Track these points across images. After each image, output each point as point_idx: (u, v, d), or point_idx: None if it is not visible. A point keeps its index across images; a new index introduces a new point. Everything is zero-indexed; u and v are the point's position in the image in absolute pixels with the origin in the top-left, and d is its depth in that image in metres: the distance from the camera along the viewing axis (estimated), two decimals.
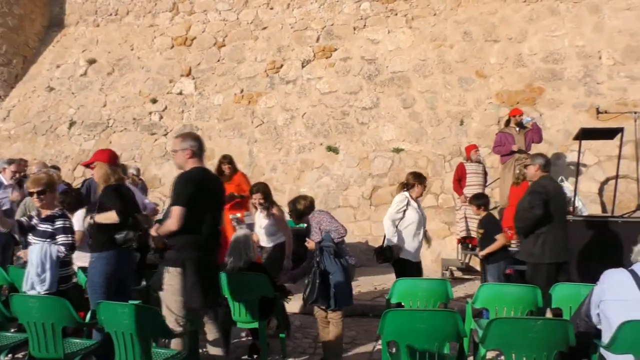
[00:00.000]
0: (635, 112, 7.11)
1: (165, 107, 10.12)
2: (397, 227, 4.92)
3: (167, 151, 9.66)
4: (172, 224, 3.35)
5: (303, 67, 9.88)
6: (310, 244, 4.28)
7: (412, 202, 4.99)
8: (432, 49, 9.51)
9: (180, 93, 10.15)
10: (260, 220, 5.31)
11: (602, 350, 2.89)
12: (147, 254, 5.04)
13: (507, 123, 7.71)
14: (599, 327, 3.00)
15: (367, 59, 9.68)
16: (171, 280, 3.39)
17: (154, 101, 10.17)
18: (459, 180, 7.44)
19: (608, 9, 9.18)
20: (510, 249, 5.66)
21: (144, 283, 4.62)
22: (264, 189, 5.26)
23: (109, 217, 3.76)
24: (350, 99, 9.50)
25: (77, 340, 3.58)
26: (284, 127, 9.58)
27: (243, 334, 5.01)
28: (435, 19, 9.68)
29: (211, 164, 9.45)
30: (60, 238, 3.88)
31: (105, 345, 3.42)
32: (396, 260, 4.95)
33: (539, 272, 4.62)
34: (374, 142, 9.14)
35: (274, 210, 5.23)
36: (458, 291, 6.19)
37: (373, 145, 9.12)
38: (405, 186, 5.07)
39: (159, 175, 9.52)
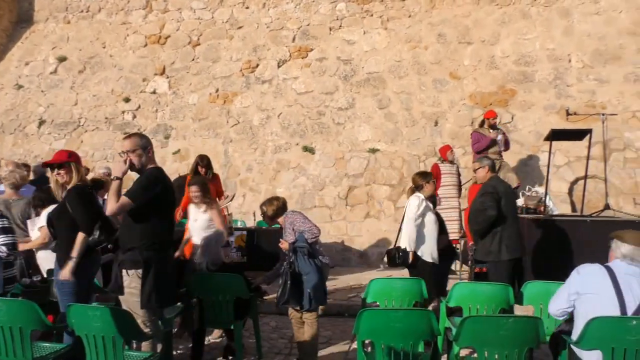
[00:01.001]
0: (603, 114, 7.32)
1: (139, 106, 9.97)
2: (418, 231, 4.78)
3: None
4: (111, 210, 3.30)
5: (279, 67, 9.85)
6: (284, 244, 4.27)
7: (428, 204, 4.89)
8: (407, 50, 9.59)
9: (154, 92, 10.01)
10: (197, 214, 5.14)
11: (572, 347, 2.97)
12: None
13: (482, 124, 7.85)
14: (561, 318, 3.10)
15: (343, 59, 9.71)
16: (132, 282, 3.34)
17: (127, 100, 10.01)
18: (434, 181, 7.53)
19: (577, 14, 9.41)
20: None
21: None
22: (201, 182, 5.17)
23: (79, 241, 3.60)
24: (326, 99, 9.51)
25: (47, 344, 3.49)
26: (259, 127, 9.54)
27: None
28: (410, 20, 9.77)
29: (186, 164, 9.37)
30: (1, 238, 3.82)
31: (76, 349, 3.35)
32: (415, 263, 4.82)
33: (499, 269, 4.75)
34: (350, 142, 9.18)
35: (213, 206, 5.09)
36: (432, 289, 6.25)
37: (349, 145, 9.15)
38: (416, 188, 4.95)
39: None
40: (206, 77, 9.96)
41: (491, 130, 7.59)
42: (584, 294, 2.90)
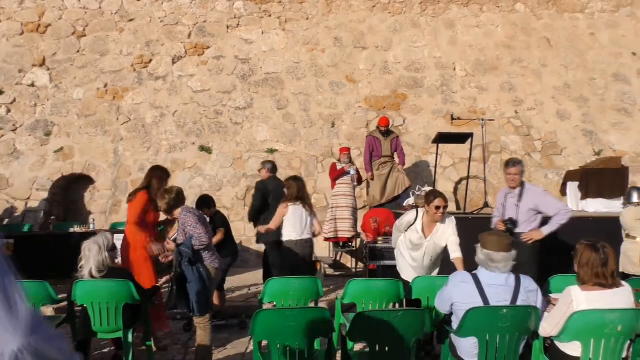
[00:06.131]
0: (483, 120, 7.95)
1: (14, 100, 9.07)
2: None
3: (15, 148, 8.68)
4: None
5: (174, 63, 9.49)
6: (169, 244, 4.07)
7: (418, 224, 4.58)
8: (305, 52, 9.72)
9: (33, 85, 9.17)
10: None
11: (452, 336, 3.17)
12: None
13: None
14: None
15: (241, 58, 9.59)
16: None
17: (0, 92, 9.06)
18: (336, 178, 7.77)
19: (461, 25, 10.14)
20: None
21: None
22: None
23: None
24: (224, 98, 9.34)
25: None
26: (153, 125, 9.12)
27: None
28: (308, 23, 9.90)
29: (70, 163, 8.71)
30: None
31: None
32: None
33: (273, 250, 5.78)
34: (248, 142, 9.09)
35: None
36: (329, 288, 6.39)
37: (247, 145, 9.06)
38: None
39: (6, 175, 8.51)
40: (93, 70, 9.32)
41: (384, 137, 7.95)
42: (457, 303, 3.09)
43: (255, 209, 6.08)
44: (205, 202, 5.60)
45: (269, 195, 5.99)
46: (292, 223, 5.19)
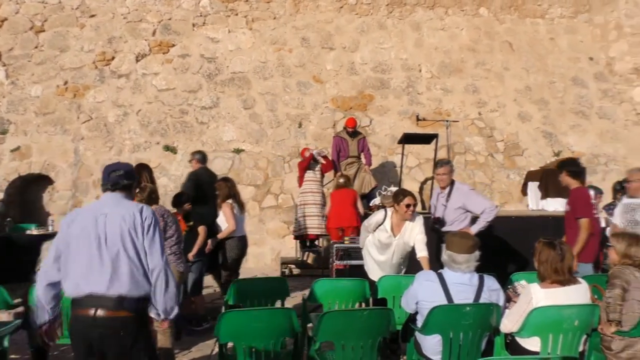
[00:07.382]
0: (447, 121, 8.10)
1: None
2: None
3: None
4: None
5: (137, 61, 9.29)
6: None
7: (387, 224, 4.53)
8: (272, 52, 9.67)
9: None
10: None
11: (417, 334, 3.21)
12: None
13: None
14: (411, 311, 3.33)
15: (207, 57, 9.47)
16: None
17: None
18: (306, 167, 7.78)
19: (426, 28, 10.29)
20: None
21: None
22: None
23: None
24: (190, 97, 9.20)
25: None
26: (115, 124, 8.90)
27: None
28: (275, 22, 9.86)
29: (27, 162, 8.43)
30: None
31: None
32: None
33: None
34: (214, 142, 8.99)
35: None
36: (296, 288, 6.37)
37: (213, 145, 8.95)
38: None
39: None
40: (52, 67, 9.03)
41: (351, 138, 8.00)
42: (422, 301, 3.14)
43: (189, 198, 5.92)
44: (187, 198, 5.47)
45: (202, 185, 5.96)
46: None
